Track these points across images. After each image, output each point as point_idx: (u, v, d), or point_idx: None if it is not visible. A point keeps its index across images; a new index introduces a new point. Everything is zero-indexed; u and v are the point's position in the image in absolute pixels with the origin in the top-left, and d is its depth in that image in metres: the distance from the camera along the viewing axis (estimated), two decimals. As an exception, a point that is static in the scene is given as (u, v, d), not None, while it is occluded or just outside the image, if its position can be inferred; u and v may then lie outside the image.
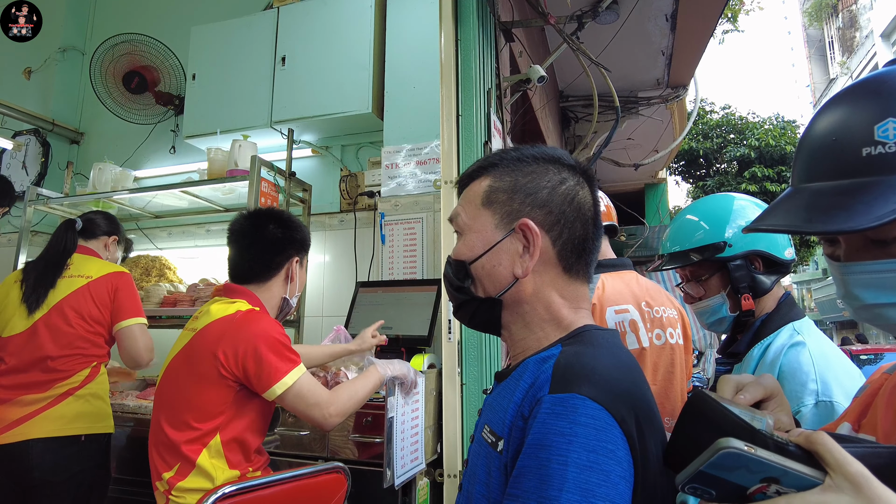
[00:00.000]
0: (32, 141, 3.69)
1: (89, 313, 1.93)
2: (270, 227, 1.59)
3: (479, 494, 0.70)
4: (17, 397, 1.82)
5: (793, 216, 0.61)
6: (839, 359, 1.11)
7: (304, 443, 1.94)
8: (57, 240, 2.02)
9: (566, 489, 0.57)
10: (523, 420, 0.67)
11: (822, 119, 0.64)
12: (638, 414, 0.64)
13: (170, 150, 3.52)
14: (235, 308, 1.48)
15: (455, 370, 2.00)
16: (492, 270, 0.79)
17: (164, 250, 3.39)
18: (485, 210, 0.81)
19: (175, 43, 3.50)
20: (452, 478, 1.94)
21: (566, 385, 0.65)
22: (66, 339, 1.88)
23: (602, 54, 3.65)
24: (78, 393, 1.88)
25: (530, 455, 0.62)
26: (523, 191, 0.79)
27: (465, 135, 2.16)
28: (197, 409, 1.39)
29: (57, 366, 1.86)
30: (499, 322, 0.82)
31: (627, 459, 0.61)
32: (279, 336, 1.44)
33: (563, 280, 0.79)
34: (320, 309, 2.91)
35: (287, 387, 1.40)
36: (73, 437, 1.84)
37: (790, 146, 12.63)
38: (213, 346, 1.40)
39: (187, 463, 1.37)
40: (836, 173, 0.60)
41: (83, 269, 1.99)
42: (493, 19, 2.57)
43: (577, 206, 0.79)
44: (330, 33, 2.84)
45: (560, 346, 0.73)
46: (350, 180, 2.94)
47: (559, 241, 0.78)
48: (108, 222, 2.19)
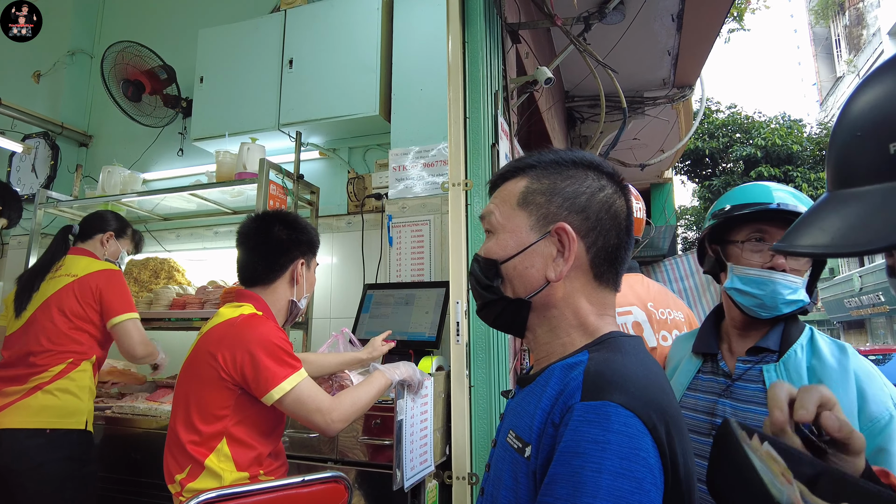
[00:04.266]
0: (42, 144, 3.72)
1: (72, 310, 2.00)
2: (276, 228, 1.60)
3: (505, 500, 0.70)
4: (3, 388, 1.93)
5: (830, 233, 0.50)
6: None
7: (313, 445, 1.94)
8: (51, 244, 2.14)
9: (600, 496, 0.58)
10: (554, 427, 0.66)
11: (849, 107, 0.53)
12: (668, 421, 0.65)
13: (178, 153, 3.54)
14: (239, 312, 1.48)
15: (463, 372, 2.00)
16: (524, 272, 0.79)
17: (173, 252, 3.41)
18: (520, 211, 0.80)
19: (183, 46, 3.52)
20: (461, 480, 1.94)
21: (598, 392, 0.65)
22: (47, 335, 1.97)
23: (608, 55, 3.65)
24: (47, 388, 1.94)
25: (563, 462, 0.62)
26: (562, 194, 0.78)
27: (472, 137, 2.17)
28: (202, 411, 1.40)
29: (37, 361, 1.95)
30: (524, 324, 0.81)
31: (658, 467, 0.61)
32: (278, 341, 1.44)
33: (592, 287, 0.79)
34: (328, 311, 2.92)
35: (285, 392, 1.39)
36: (38, 430, 1.89)
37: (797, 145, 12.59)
38: (213, 349, 1.41)
39: (197, 464, 1.38)
40: (866, 175, 0.50)
41: (71, 268, 2.08)
42: (500, 21, 2.57)
43: (614, 215, 0.79)
44: (337, 36, 2.85)
45: (587, 353, 0.73)
46: (357, 182, 2.95)
47: (593, 249, 0.78)
48: (101, 220, 2.26)
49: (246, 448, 1.43)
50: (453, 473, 1.95)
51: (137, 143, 3.63)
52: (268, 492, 1.24)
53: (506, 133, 2.44)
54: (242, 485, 1.32)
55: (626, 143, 5.42)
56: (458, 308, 2.05)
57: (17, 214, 2.37)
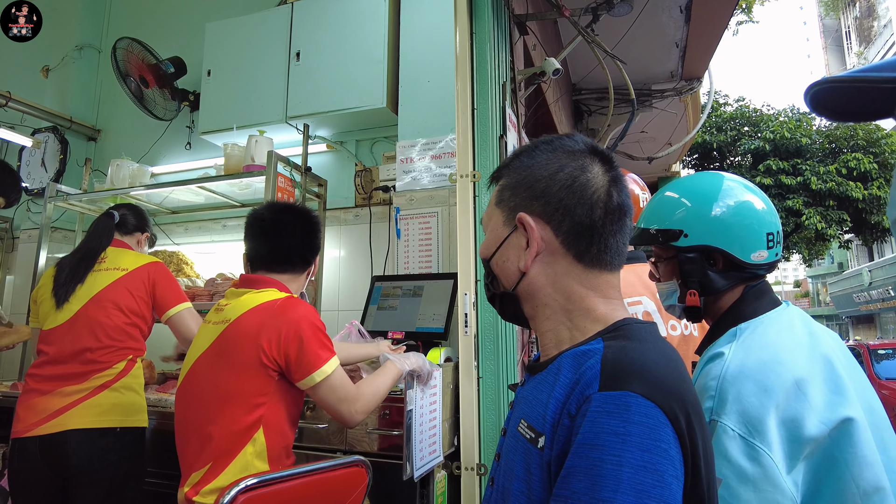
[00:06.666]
0: (51, 138, 3.74)
1: (127, 305, 1.96)
2: (306, 221, 1.62)
3: (517, 491, 0.69)
4: (57, 388, 1.85)
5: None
6: (764, 370, 0.93)
7: (323, 436, 1.96)
8: (96, 232, 2.05)
9: (621, 490, 0.56)
10: (570, 418, 0.64)
11: None
12: (688, 410, 0.63)
13: (186, 147, 3.55)
14: (269, 297, 1.46)
15: (472, 364, 2.01)
16: (504, 266, 0.82)
17: (182, 246, 3.43)
18: (496, 209, 0.84)
19: (190, 39, 3.53)
20: (470, 471, 1.95)
21: (617, 382, 0.63)
22: (104, 331, 1.91)
23: (616, 47, 3.63)
24: (114, 385, 1.90)
25: (581, 455, 0.60)
26: (523, 185, 0.80)
27: (480, 129, 2.16)
28: (241, 400, 1.36)
29: (96, 357, 1.89)
30: (522, 315, 0.83)
31: (679, 458, 0.60)
32: (320, 323, 1.44)
33: (579, 268, 0.77)
34: (336, 303, 2.93)
35: (325, 375, 1.39)
36: (109, 429, 1.86)
37: (806, 138, 12.48)
38: (254, 335, 1.37)
39: (222, 460, 1.34)
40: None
41: (118, 261, 2.02)
42: (508, 12, 2.56)
43: (578, 191, 0.76)
44: (344, 28, 2.85)
45: (601, 341, 0.71)
46: (365, 175, 2.95)
47: (561, 230, 0.77)
48: (143, 219, 2.25)
49: (280, 437, 1.41)
50: (462, 464, 1.96)
51: (145, 136, 3.65)
52: (302, 476, 1.31)
53: (513, 124, 2.44)
54: (279, 471, 1.33)
55: (634, 136, 5.40)
56: (467, 299, 2.05)
57: (15, 194, 2.32)
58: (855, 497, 0.85)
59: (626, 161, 5.82)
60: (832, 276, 25.39)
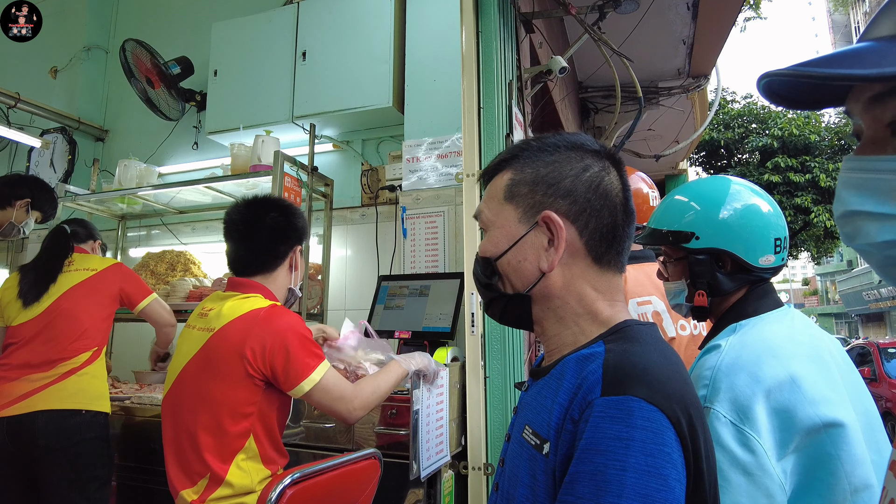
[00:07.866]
0: (59, 139, 3.76)
1: (98, 302, 2.12)
2: (272, 215, 1.56)
3: (522, 498, 0.68)
4: (25, 376, 1.98)
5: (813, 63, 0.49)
6: (759, 362, 0.95)
7: (330, 435, 1.96)
8: (57, 241, 2.20)
9: (626, 495, 0.56)
10: (573, 424, 0.64)
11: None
12: (690, 413, 0.63)
13: (193, 147, 3.56)
14: (253, 305, 1.45)
15: (479, 364, 2.01)
16: (518, 266, 0.77)
17: (189, 245, 3.44)
18: (507, 205, 0.79)
19: (196, 39, 3.54)
20: (477, 470, 1.95)
21: (619, 387, 0.62)
22: (75, 324, 2.05)
23: (622, 44, 3.61)
24: (80, 372, 2.03)
25: (585, 460, 0.60)
26: (545, 181, 0.76)
27: (486, 127, 2.16)
28: (230, 410, 1.36)
29: (64, 347, 2.02)
30: (530, 318, 0.80)
31: (681, 462, 0.60)
32: (305, 332, 1.44)
33: (595, 271, 0.76)
34: (343, 303, 2.93)
35: (315, 383, 1.39)
36: (75, 411, 1.98)
37: (814, 135, 12.38)
38: (238, 346, 1.37)
39: (217, 473, 1.34)
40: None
41: (85, 263, 2.19)
42: (514, 10, 2.55)
43: (604, 193, 0.75)
44: (350, 27, 2.85)
45: (602, 344, 0.70)
46: (371, 174, 2.95)
47: (586, 231, 0.75)
48: (88, 229, 2.42)
49: (270, 440, 1.42)
50: (469, 464, 1.96)
51: (153, 137, 3.66)
52: (333, 469, 1.45)
53: (520, 123, 2.43)
54: (313, 464, 1.41)
55: (641, 133, 5.38)
56: (474, 299, 2.05)
57: (52, 209, 2.48)
58: (846, 492, 0.88)
59: (633, 159, 5.80)
60: (841, 273, 25.21)
